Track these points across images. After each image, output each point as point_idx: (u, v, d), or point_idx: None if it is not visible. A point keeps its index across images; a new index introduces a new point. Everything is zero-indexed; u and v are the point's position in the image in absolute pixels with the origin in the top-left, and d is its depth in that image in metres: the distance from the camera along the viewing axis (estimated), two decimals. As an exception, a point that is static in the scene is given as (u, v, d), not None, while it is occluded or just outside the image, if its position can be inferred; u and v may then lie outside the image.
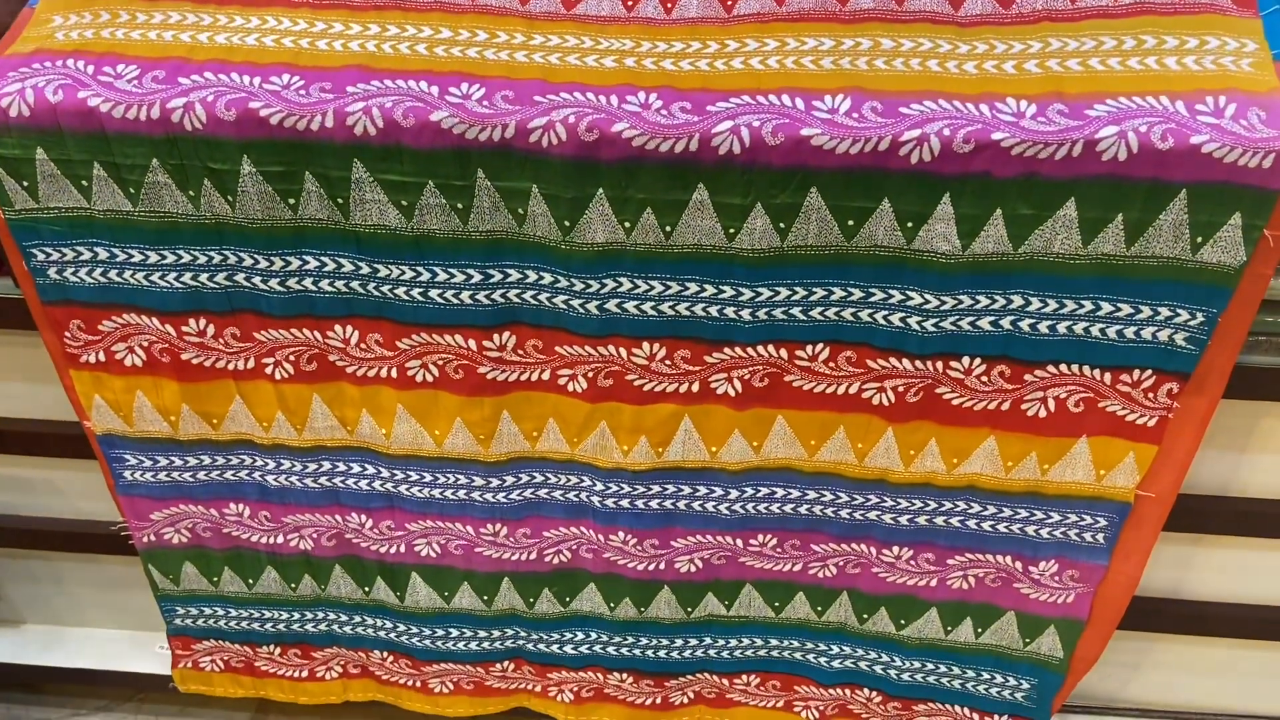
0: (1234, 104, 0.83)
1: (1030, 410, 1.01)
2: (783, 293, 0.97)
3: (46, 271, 1.02)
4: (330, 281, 1.00)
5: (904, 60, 0.91)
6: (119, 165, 0.93)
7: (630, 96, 0.90)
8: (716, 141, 0.88)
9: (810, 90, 0.90)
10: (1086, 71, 0.88)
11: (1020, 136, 0.84)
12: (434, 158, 0.91)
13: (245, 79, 0.91)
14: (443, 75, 0.92)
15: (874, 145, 0.87)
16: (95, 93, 0.90)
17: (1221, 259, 0.88)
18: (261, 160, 0.91)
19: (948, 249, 0.91)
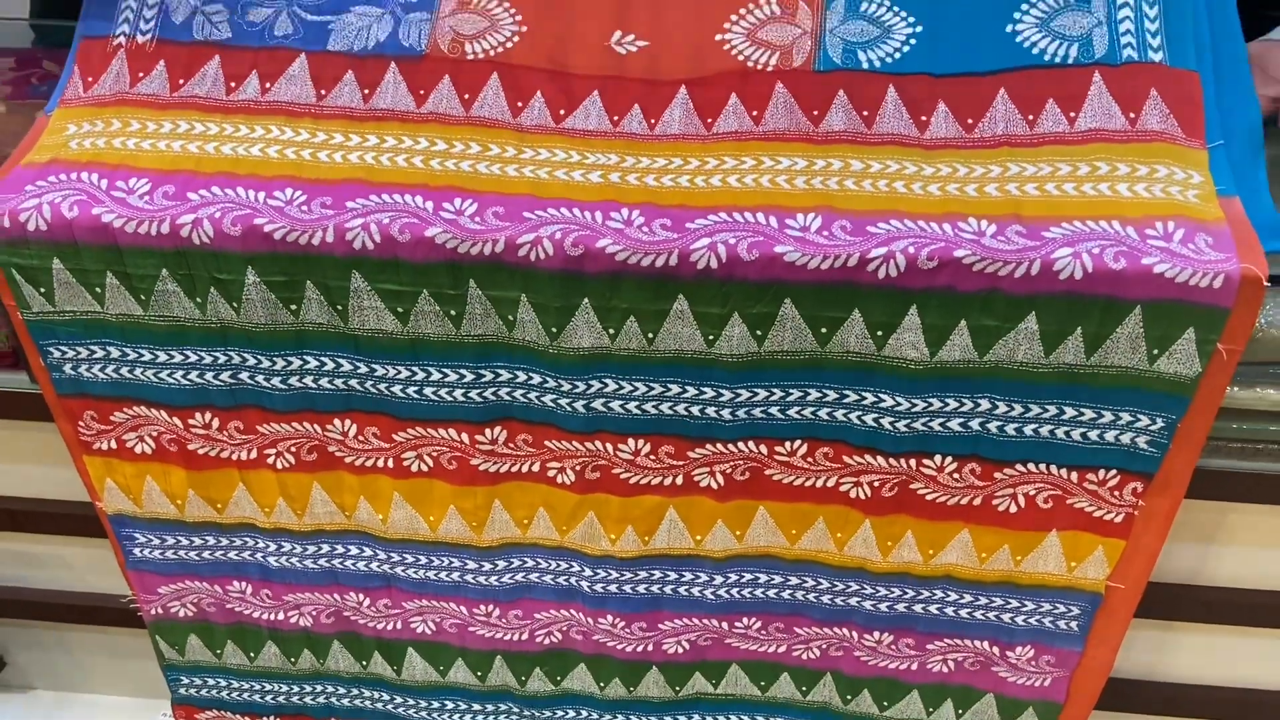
0: (1182, 229, 0.88)
1: (1001, 506, 1.05)
2: (761, 394, 1.01)
3: (62, 368, 1.07)
4: (330, 380, 1.05)
5: (872, 181, 0.96)
6: (131, 275, 0.98)
7: (614, 213, 0.95)
8: (695, 257, 0.92)
9: (784, 208, 0.94)
10: (1044, 196, 0.93)
11: (981, 254, 0.89)
12: (428, 269, 0.96)
13: (250, 194, 0.96)
14: (438, 190, 0.97)
15: (844, 261, 0.91)
16: (109, 209, 0.95)
17: (1178, 370, 0.92)
18: (265, 271, 0.97)
19: (916, 356, 0.95)
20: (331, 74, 1.04)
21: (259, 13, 1.06)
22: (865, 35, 1.02)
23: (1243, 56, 0.98)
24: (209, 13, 1.06)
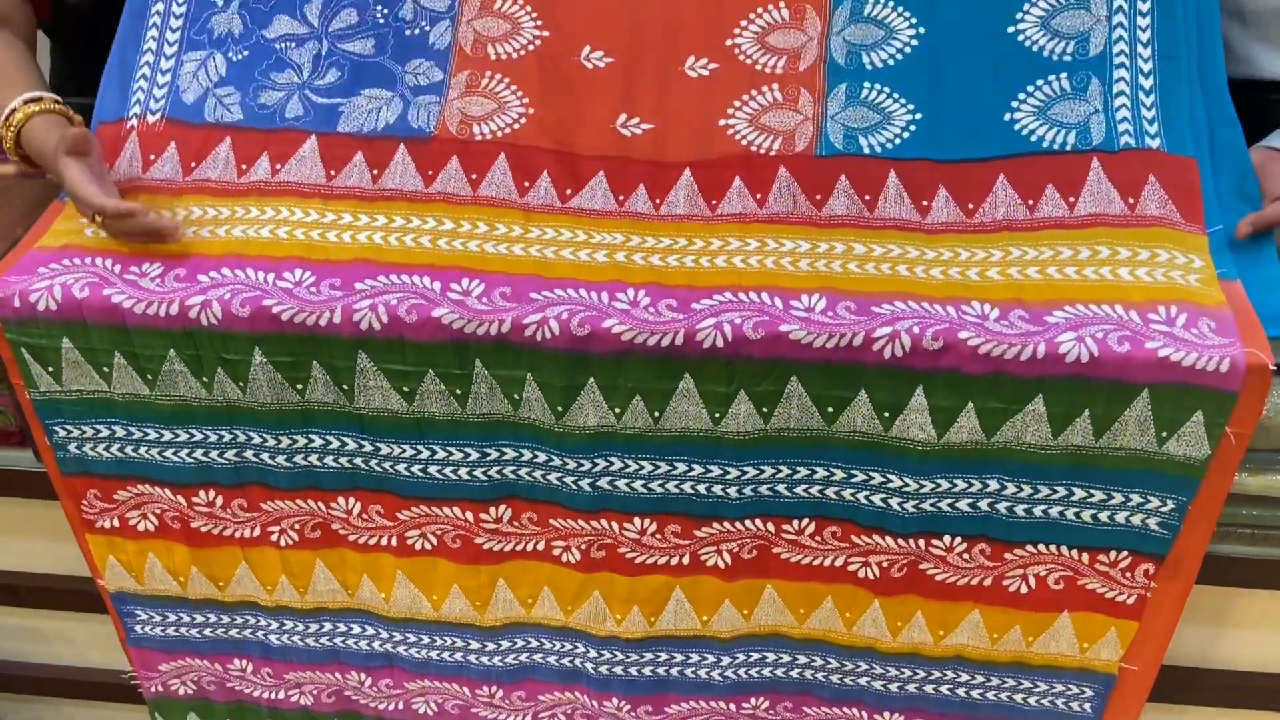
0: (1185, 314, 0.88)
1: (1012, 586, 1.03)
2: (768, 471, 1.01)
3: (67, 446, 1.07)
4: (335, 458, 1.05)
5: (875, 264, 0.97)
6: (138, 355, 0.99)
7: (620, 293, 0.96)
8: (701, 336, 0.93)
9: (788, 289, 0.95)
10: (1045, 280, 0.93)
11: (985, 336, 0.89)
12: (434, 349, 0.96)
13: (260, 275, 0.97)
14: (445, 270, 0.98)
15: (849, 340, 0.91)
16: (120, 290, 0.96)
17: (1187, 452, 0.91)
18: (272, 352, 0.97)
19: (924, 437, 0.95)
20: (341, 155, 1.05)
21: (270, 95, 1.08)
22: (866, 121, 1.04)
23: (1240, 142, 1.00)
24: (220, 95, 1.08)
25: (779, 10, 1.09)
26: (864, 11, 1.08)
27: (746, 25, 1.09)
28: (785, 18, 1.09)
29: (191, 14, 1.11)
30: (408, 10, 1.12)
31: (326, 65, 1.10)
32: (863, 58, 1.07)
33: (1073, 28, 1.03)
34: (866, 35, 1.07)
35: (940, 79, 1.04)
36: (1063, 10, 1.03)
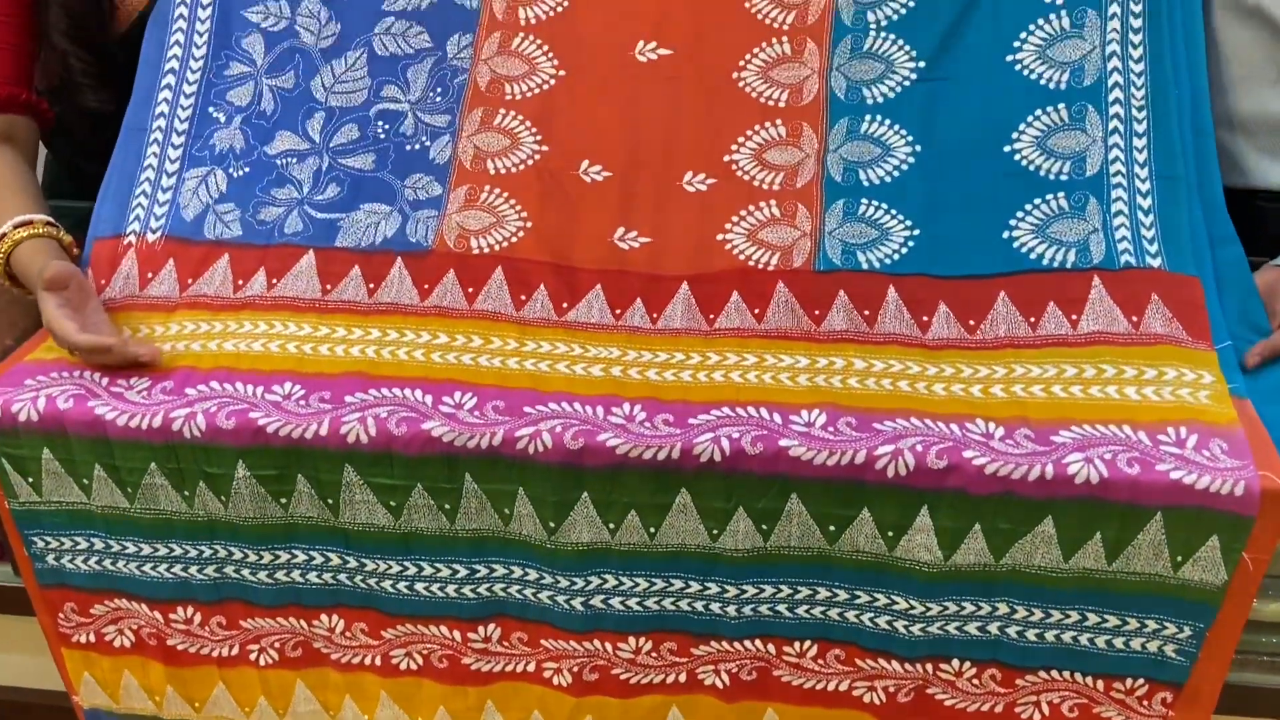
0: (1195, 435, 0.86)
1: (1025, 714, 0.98)
2: (767, 590, 0.97)
3: (45, 558, 1.04)
4: (318, 574, 1.01)
5: (875, 380, 0.95)
6: (119, 468, 0.97)
7: (615, 408, 0.94)
8: (698, 450, 0.91)
9: (787, 405, 0.93)
10: (1050, 398, 0.91)
11: (991, 456, 0.87)
12: (423, 463, 0.94)
13: (248, 388, 0.95)
14: (437, 383, 0.96)
15: (850, 458, 0.89)
16: (104, 402, 0.95)
17: (1203, 577, 0.88)
18: (256, 465, 0.95)
19: (929, 559, 0.91)
20: (338, 269, 1.05)
21: (270, 211, 1.09)
22: (864, 237, 1.04)
23: (1242, 260, 0.99)
24: (220, 211, 1.09)
25: (776, 127, 1.10)
26: (860, 129, 1.09)
27: (744, 141, 1.11)
28: (782, 134, 1.10)
29: (194, 130, 1.12)
30: (408, 126, 1.13)
31: (326, 180, 1.10)
32: (859, 174, 1.07)
33: (1069, 148, 1.03)
34: (863, 152, 1.08)
35: (937, 196, 1.05)
36: (1058, 130, 1.04)
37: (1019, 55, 1.08)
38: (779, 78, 1.12)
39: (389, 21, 1.17)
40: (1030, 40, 1.08)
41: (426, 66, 1.16)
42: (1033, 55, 1.07)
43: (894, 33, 1.11)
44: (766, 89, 1.12)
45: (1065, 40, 1.07)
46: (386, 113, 1.14)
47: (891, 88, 1.10)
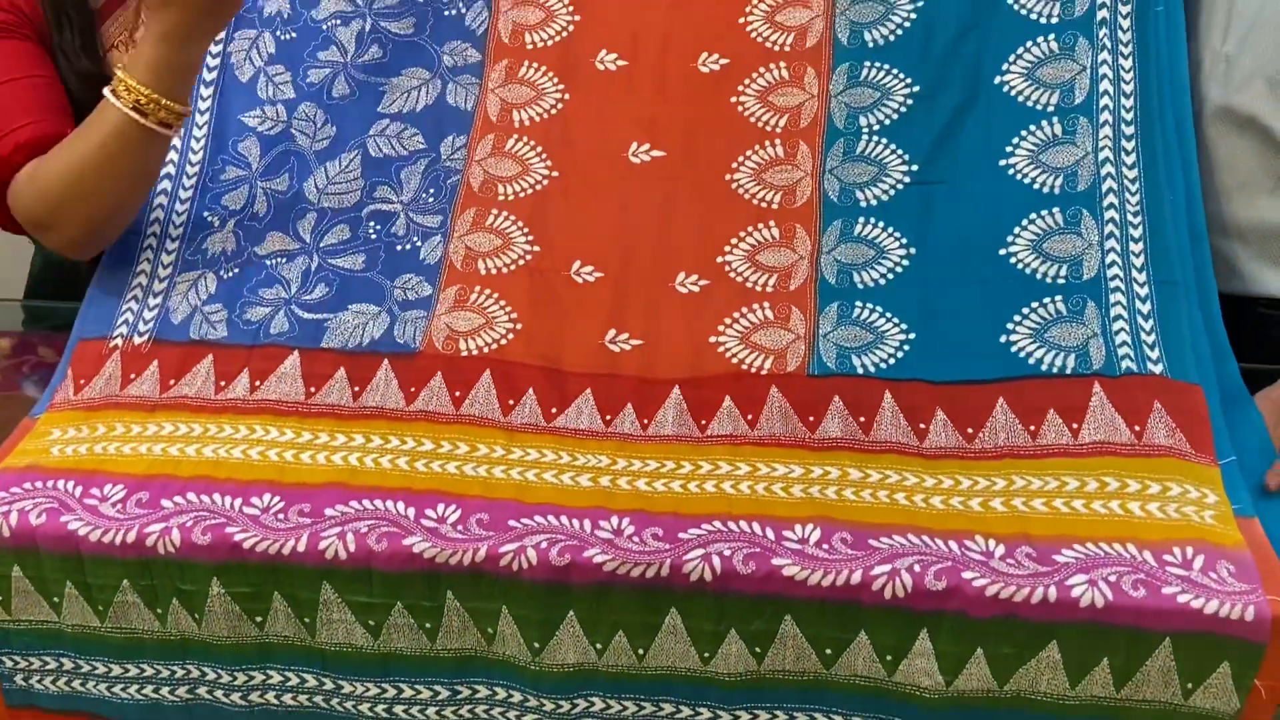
0: (1202, 556, 0.83)
1: None
2: (762, 716, 0.93)
3: (13, 678, 1.00)
4: (294, 695, 0.97)
5: (872, 491, 0.92)
6: (91, 585, 0.93)
7: (603, 521, 0.91)
8: (688, 569, 0.87)
9: (781, 519, 0.90)
10: (1052, 513, 0.88)
11: (991, 578, 0.83)
12: (404, 580, 0.90)
13: (226, 500, 0.93)
14: (420, 494, 0.94)
15: (846, 578, 0.85)
16: (77, 516, 0.92)
17: (1215, 705, 0.83)
18: (231, 582, 0.91)
19: (931, 684, 0.87)
20: (323, 371, 1.03)
21: (257, 311, 1.07)
22: (859, 340, 1.02)
23: (1237, 375, 0.97)
24: (208, 312, 1.07)
25: (769, 229, 1.10)
26: (854, 231, 1.08)
27: (737, 243, 1.10)
28: (776, 236, 1.09)
29: (188, 234, 1.12)
30: (400, 226, 1.13)
31: (315, 280, 1.09)
32: (854, 277, 1.06)
33: (1065, 252, 1.02)
34: (857, 255, 1.07)
35: (933, 300, 1.03)
36: (1054, 234, 1.03)
37: (1012, 160, 1.08)
38: (772, 180, 1.12)
39: (384, 124, 1.17)
40: (1023, 146, 1.08)
41: (420, 167, 1.16)
42: (1026, 160, 1.07)
43: (886, 137, 1.12)
44: (759, 191, 1.12)
45: (1058, 146, 1.07)
46: (378, 213, 1.14)
47: (885, 190, 1.10)
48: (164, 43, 0.98)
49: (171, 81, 1.00)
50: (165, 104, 1.00)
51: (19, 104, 1.04)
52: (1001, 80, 1.11)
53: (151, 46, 0.98)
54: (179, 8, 0.97)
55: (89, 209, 1.03)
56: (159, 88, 0.99)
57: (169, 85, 1.00)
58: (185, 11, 0.97)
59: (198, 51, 1.02)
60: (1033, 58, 1.11)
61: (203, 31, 1.01)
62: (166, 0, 0.96)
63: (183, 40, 0.99)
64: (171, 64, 0.99)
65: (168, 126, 1.02)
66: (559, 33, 1.20)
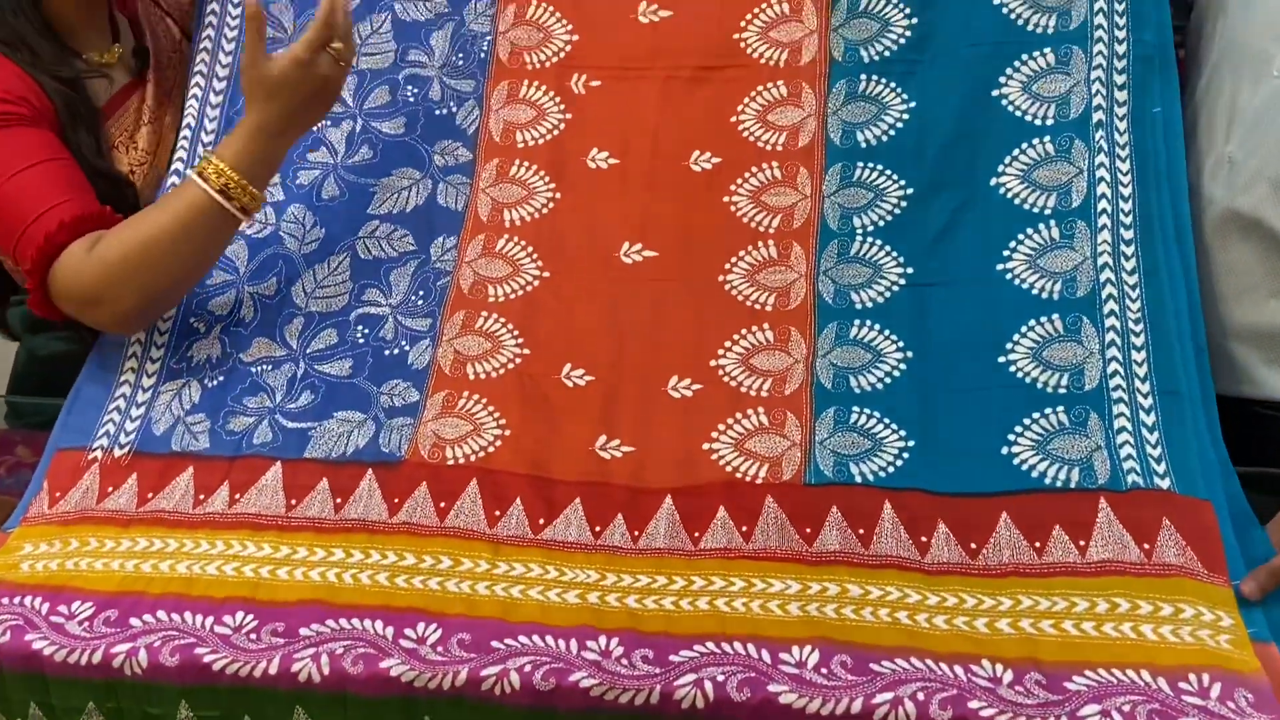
0: (1219, 684, 0.79)
1: None
2: None
3: (-27, 800, 0.95)
4: (264, 825, 0.92)
5: (872, 609, 0.88)
6: (55, 707, 0.89)
7: (591, 641, 0.87)
8: (680, 695, 0.83)
9: (777, 640, 0.86)
10: (1062, 636, 0.84)
11: (1000, 707, 0.79)
12: (380, 705, 0.86)
13: (197, 619, 0.89)
14: (400, 613, 0.90)
15: (846, 706, 0.81)
16: (43, 635, 0.88)
17: (1240, 844, 0.78)
18: (199, 705, 0.87)
19: (936, 819, 0.82)
20: (305, 482, 1.00)
21: (240, 421, 1.05)
22: (857, 448, 1.00)
23: (1240, 491, 0.94)
24: (190, 423, 1.05)
25: (763, 331, 1.08)
26: (850, 334, 1.06)
27: (731, 346, 1.08)
28: (770, 339, 1.07)
29: (173, 342, 1.10)
30: (388, 330, 1.11)
31: (301, 387, 1.07)
32: (850, 381, 1.04)
33: (1066, 360, 1.00)
34: (853, 358, 1.05)
35: (931, 405, 1.01)
36: (1054, 342, 1.01)
37: (1009, 264, 1.06)
38: (766, 281, 1.10)
39: (374, 225, 1.17)
40: (1020, 249, 1.06)
41: (410, 269, 1.15)
42: (1024, 264, 1.06)
43: (881, 238, 1.10)
44: (753, 292, 1.10)
45: (1056, 250, 1.05)
46: (367, 317, 1.12)
47: (880, 293, 1.08)
48: (260, 134, 1.03)
49: (259, 171, 1.05)
50: (251, 191, 1.04)
51: (53, 184, 1.04)
52: (997, 182, 1.10)
53: (248, 136, 1.03)
54: (281, 103, 1.02)
55: (153, 281, 1.04)
56: (248, 174, 1.03)
57: (256, 174, 1.04)
58: (286, 107, 1.03)
59: (286, 146, 1.07)
60: (1029, 160, 1.10)
61: (295, 127, 1.06)
62: (273, 93, 1.02)
63: (278, 134, 1.04)
64: (262, 155, 1.04)
65: (246, 213, 1.05)
66: (550, 131, 1.20)
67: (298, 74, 1.01)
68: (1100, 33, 1.12)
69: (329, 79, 1.04)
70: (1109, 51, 1.11)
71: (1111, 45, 1.11)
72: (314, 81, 1.03)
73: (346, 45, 1.04)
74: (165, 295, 1.08)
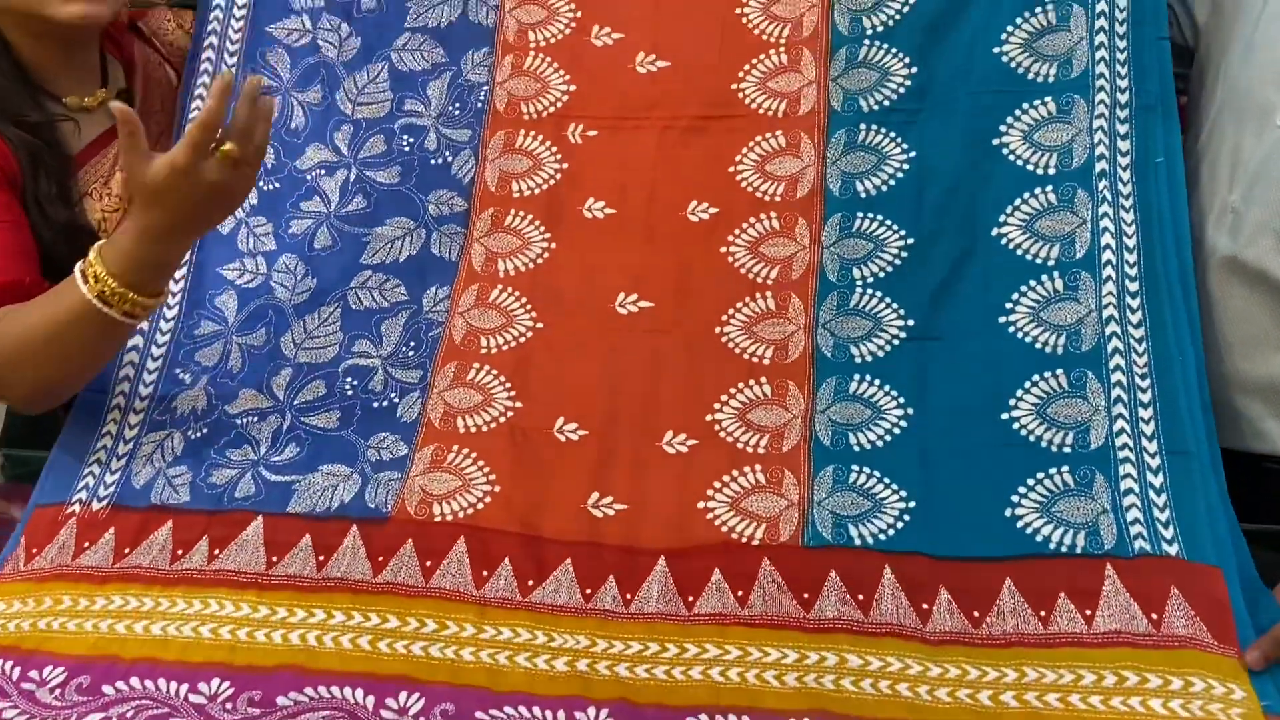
0: None
1: None
2: None
3: None
4: None
5: (872, 681, 0.85)
6: None
7: (579, 713, 0.84)
8: None
9: (773, 712, 0.83)
10: (1067, 709, 0.81)
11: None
12: None
13: (171, 686, 0.85)
14: (382, 681, 0.86)
15: None
16: (13, 704, 0.85)
17: None
18: (173, 777, 0.84)
19: None
20: (286, 539, 0.98)
21: (223, 474, 1.02)
22: (856, 508, 0.97)
23: (1248, 556, 0.91)
24: (171, 475, 1.03)
25: (760, 386, 1.05)
26: (849, 389, 1.04)
27: (727, 400, 1.05)
28: (768, 394, 1.05)
29: (158, 393, 1.08)
30: (378, 381, 1.09)
31: (287, 440, 1.05)
32: (849, 438, 1.01)
33: (1070, 417, 0.97)
34: (853, 414, 1.02)
35: (932, 464, 0.98)
36: (1058, 399, 0.98)
37: (1012, 316, 1.04)
38: (764, 334, 1.08)
39: (366, 275, 1.15)
40: (1023, 301, 1.04)
41: (401, 320, 1.13)
42: (1027, 317, 1.03)
43: (881, 290, 1.08)
44: (751, 345, 1.08)
45: (1059, 303, 1.03)
46: (357, 368, 1.10)
47: (880, 346, 1.06)
48: (145, 238, 0.93)
49: (146, 277, 0.95)
50: (133, 298, 0.94)
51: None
52: (999, 232, 1.08)
53: (132, 241, 0.93)
54: (166, 210, 0.92)
55: (38, 375, 0.98)
56: (130, 281, 0.94)
57: (143, 280, 0.94)
58: (172, 214, 0.92)
59: (179, 251, 0.98)
60: (1031, 209, 1.08)
61: (186, 233, 0.97)
62: (154, 199, 0.91)
63: (164, 239, 0.94)
64: (148, 261, 0.94)
65: (133, 317, 0.96)
66: (547, 180, 1.19)
67: (176, 181, 0.89)
68: (1102, 81, 1.10)
69: (219, 186, 0.92)
70: (1111, 100, 1.09)
71: (1114, 94, 1.09)
72: (200, 188, 0.91)
73: (243, 145, 0.91)
74: (60, 386, 1.03)
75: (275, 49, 1.23)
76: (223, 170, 0.91)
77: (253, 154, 0.93)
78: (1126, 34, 1.10)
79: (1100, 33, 1.11)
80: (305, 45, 1.23)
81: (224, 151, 0.90)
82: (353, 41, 1.23)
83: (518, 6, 1.25)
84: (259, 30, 1.23)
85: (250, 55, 1.22)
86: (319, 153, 1.19)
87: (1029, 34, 1.13)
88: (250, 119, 0.91)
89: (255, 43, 1.22)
